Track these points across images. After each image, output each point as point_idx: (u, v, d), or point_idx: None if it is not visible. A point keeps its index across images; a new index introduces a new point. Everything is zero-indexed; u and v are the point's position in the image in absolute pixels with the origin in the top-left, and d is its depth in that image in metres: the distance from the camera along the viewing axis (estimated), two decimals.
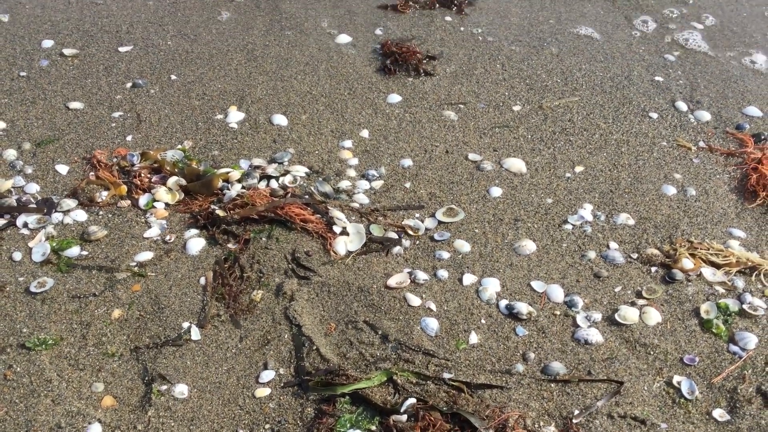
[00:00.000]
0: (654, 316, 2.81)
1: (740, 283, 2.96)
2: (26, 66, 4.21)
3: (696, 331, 2.77)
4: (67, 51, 4.35)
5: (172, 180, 3.36)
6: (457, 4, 5.03)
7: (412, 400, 2.43)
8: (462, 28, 4.81)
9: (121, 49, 4.42)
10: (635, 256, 3.11)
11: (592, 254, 3.11)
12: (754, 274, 3.01)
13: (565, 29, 4.86)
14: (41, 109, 3.84)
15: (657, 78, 4.35)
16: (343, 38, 4.64)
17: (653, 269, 3.04)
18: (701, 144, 3.81)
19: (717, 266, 3.04)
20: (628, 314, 2.81)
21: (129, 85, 4.09)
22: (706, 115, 4.02)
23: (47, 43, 4.43)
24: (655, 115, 4.02)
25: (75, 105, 3.88)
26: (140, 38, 4.55)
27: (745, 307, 2.84)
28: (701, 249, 3.10)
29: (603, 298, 2.90)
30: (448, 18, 4.93)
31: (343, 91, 4.13)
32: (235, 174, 3.38)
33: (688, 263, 3.02)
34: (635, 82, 4.31)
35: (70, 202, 3.22)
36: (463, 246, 3.13)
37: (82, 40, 4.49)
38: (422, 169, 3.56)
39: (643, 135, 3.86)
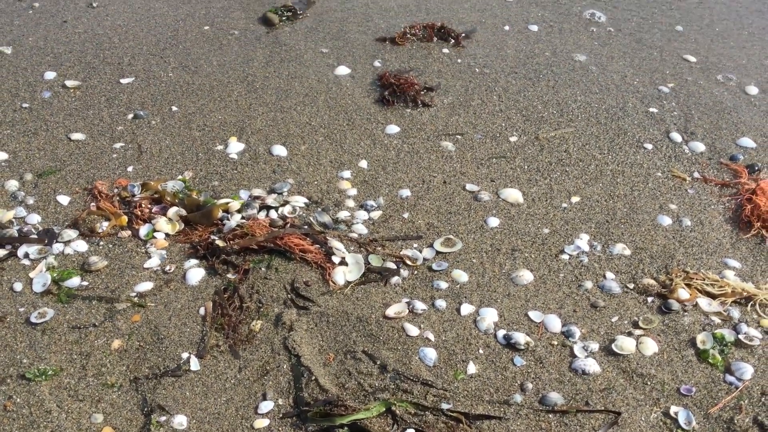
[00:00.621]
0: (651, 347, 2.82)
1: (736, 313, 2.99)
2: (29, 97, 4.26)
3: (692, 361, 2.79)
4: (69, 83, 4.41)
5: (173, 210, 3.39)
6: (455, 37, 5.11)
7: (410, 431, 2.44)
8: (459, 60, 4.88)
9: (123, 81, 4.47)
10: (632, 286, 3.13)
11: (588, 284, 3.13)
12: (750, 305, 3.03)
13: (560, 61, 4.93)
14: (43, 140, 3.88)
15: (651, 109, 4.41)
16: (342, 70, 4.71)
17: (649, 299, 3.06)
18: (696, 175, 3.85)
19: (713, 296, 3.06)
20: (625, 344, 2.82)
21: (130, 116, 4.14)
22: (700, 146, 4.07)
23: (50, 75, 4.48)
24: (649, 146, 4.07)
25: (77, 136, 3.93)
26: (142, 70, 4.61)
27: (741, 337, 2.86)
28: (697, 279, 3.12)
29: (600, 328, 2.92)
30: (445, 50, 5.00)
31: (342, 122, 4.18)
32: (235, 204, 3.42)
33: (684, 293, 3.04)
34: (630, 113, 4.37)
35: (71, 233, 3.25)
36: (461, 276, 3.15)
37: (84, 72, 4.55)
38: (420, 199, 3.60)
39: (638, 166, 3.90)
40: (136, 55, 4.77)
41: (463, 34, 5.16)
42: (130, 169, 3.70)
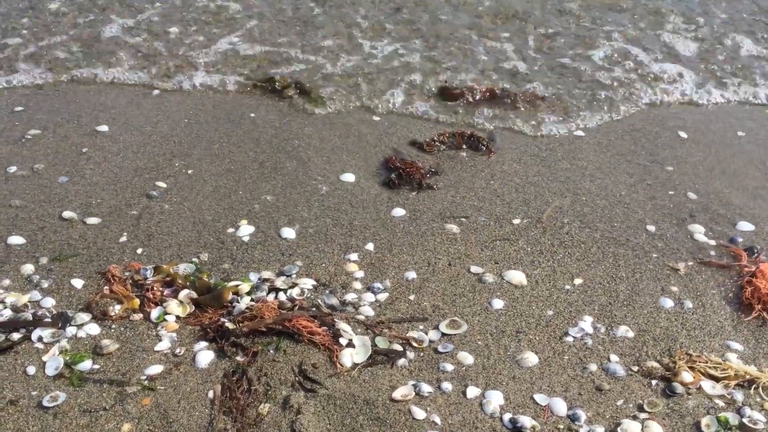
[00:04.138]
0: (656, 430, 2.84)
1: (739, 396, 3.01)
2: (48, 181, 4.39)
3: None
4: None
5: (184, 293, 3.46)
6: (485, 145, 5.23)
7: None
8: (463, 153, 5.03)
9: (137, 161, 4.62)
10: (636, 368, 3.17)
11: (593, 367, 3.17)
12: (753, 387, 3.05)
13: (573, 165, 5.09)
14: (59, 225, 3.98)
15: (651, 192, 4.51)
16: (348, 177, 4.71)
17: (654, 382, 3.09)
18: (693, 259, 3.93)
19: (716, 379, 3.09)
20: (631, 428, 2.84)
21: (144, 199, 4.25)
22: (700, 228, 4.15)
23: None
24: (652, 228, 4.15)
25: (92, 220, 4.03)
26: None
27: (744, 420, 2.87)
28: (700, 362, 3.16)
29: (605, 412, 2.94)
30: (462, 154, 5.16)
31: (348, 205, 4.29)
32: (245, 287, 3.49)
33: (687, 376, 3.07)
34: (631, 196, 4.47)
35: (84, 316, 3.31)
36: (467, 358, 3.19)
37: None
38: (426, 281, 3.67)
39: (639, 248, 3.98)
40: (149, 144, 4.94)
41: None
42: (143, 252, 3.79)
